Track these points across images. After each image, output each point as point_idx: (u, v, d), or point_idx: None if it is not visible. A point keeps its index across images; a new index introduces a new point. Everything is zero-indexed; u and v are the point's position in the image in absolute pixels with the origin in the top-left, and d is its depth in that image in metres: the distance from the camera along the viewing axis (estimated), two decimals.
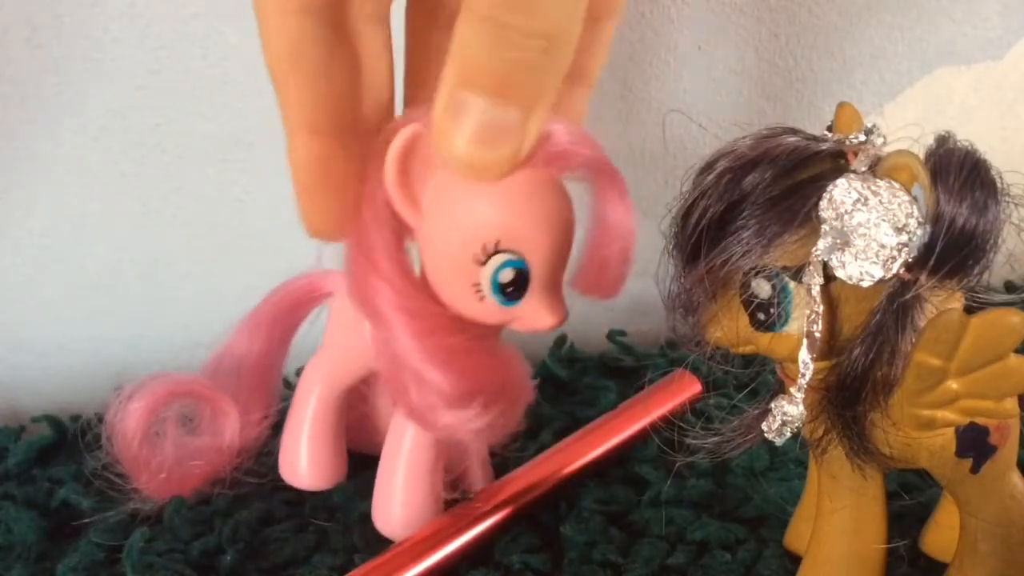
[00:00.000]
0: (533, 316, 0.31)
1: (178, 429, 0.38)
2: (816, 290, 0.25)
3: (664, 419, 0.42)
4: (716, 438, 0.28)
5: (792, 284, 0.26)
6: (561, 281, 0.32)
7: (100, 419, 0.37)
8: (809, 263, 0.25)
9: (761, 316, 0.26)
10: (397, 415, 0.35)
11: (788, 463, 0.40)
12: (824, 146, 0.26)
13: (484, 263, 0.30)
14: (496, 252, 0.30)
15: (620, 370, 0.49)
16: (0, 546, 0.37)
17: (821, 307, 0.25)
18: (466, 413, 0.31)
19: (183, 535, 0.37)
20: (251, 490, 0.38)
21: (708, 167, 0.26)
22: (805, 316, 0.25)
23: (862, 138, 0.26)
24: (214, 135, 0.48)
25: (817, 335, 0.25)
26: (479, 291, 0.30)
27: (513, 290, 0.30)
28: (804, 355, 0.26)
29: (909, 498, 0.35)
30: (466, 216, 0.30)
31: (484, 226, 0.30)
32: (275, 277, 0.39)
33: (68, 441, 0.43)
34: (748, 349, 0.27)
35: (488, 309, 0.31)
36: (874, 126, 0.26)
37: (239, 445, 0.38)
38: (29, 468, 0.42)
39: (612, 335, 0.51)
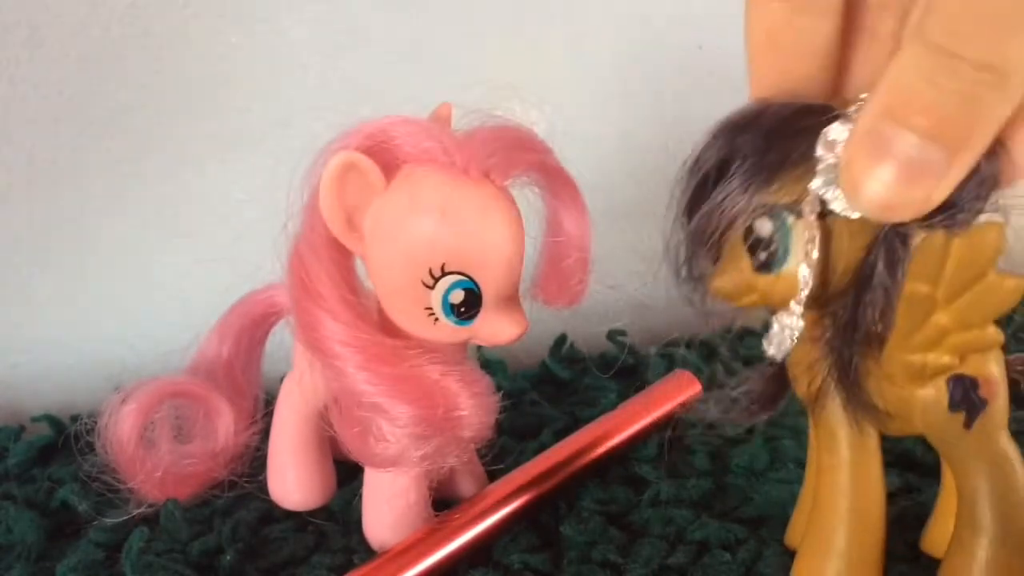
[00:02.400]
0: (492, 332, 0.31)
1: (172, 432, 0.38)
2: (813, 217, 0.26)
3: (664, 419, 0.42)
4: (721, 405, 0.29)
5: (791, 219, 0.27)
6: (517, 292, 0.32)
7: (97, 419, 0.37)
8: (807, 196, 0.26)
9: (762, 255, 0.27)
10: None
11: (788, 463, 0.40)
12: (821, 106, 0.27)
13: (432, 286, 0.29)
14: (443, 275, 0.29)
15: (620, 370, 0.49)
16: (0, 546, 0.37)
17: (818, 232, 0.26)
18: (437, 440, 0.31)
19: (182, 535, 0.37)
20: (250, 490, 0.38)
21: (709, 132, 0.27)
22: (804, 251, 0.27)
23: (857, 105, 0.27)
24: (214, 135, 0.48)
25: (815, 256, 0.26)
26: (432, 314, 0.30)
27: (466, 310, 0.30)
28: (804, 271, 0.27)
29: (909, 498, 0.35)
30: (409, 241, 0.29)
31: (427, 250, 0.29)
32: (275, 278, 0.39)
33: (68, 441, 0.43)
34: (750, 299, 0.28)
35: (444, 330, 0.30)
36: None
37: (233, 447, 0.38)
38: (29, 468, 0.42)
39: (612, 335, 0.51)
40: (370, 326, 0.30)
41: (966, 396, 0.29)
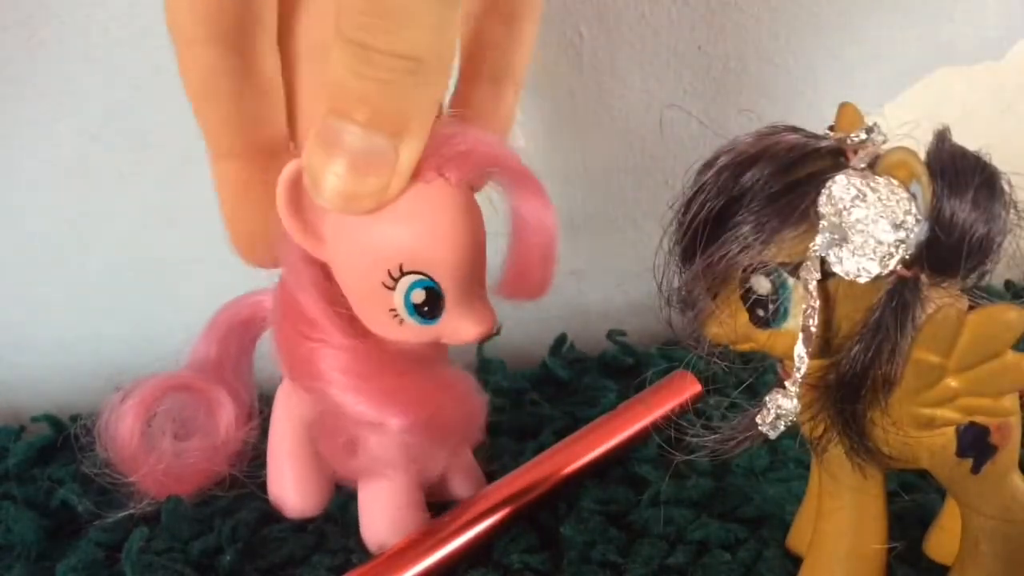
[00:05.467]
0: (455, 330, 0.31)
1: (173, 426, 0.38)
2: (813, 285, 0.25)
3: (664, 419, 0.42)
4: (716, 436, 0.28)
5: (791, 280, 0.26)
6: (482, 289, 0.32)
7: (97, 418, 0.37)
8: (807, 259, 0.25)
9: (760, 312, 0.26)
10: None
11: (788, 463, 0.40)
12: (824, 143, 0.25)
13: (393, 287, 0.30)
14: (402, 275, 0.29)
15: (620, 370, 0.48)
16: (0, 546, 0.37)
17: (817, 302, 0.25)
18: (424, 445, 0.31)
19: (182, 535, 0.37)
20: (250, 489, 0.38)
21: (708, 164, 0.26)
22: (803, 312, 0.25)
23: (863, 136, 0.26)
24: None
25: (813, 330, 0.25)
26: (397, 315, 0.30)
27: (428, 309, 0.30)
28: (800, 349, 0.26)
29: (909, 498, 0.35)
30: (366, 243, 0.29)
31: (385, 251, 0.29)
32: (275, 277, 0.39)
33: (68, 441, 0.43)
34: (747, 346, 0.27)
35: (410, 331, 0.31)
36: (875, 125, 0.26)
37: (234, 441, 0.38)
38: (29, 468, 0.42)
39: (612, 335, 0.51)
40: (353, 337, 0.30)
41: (976, 443, 0.28)
